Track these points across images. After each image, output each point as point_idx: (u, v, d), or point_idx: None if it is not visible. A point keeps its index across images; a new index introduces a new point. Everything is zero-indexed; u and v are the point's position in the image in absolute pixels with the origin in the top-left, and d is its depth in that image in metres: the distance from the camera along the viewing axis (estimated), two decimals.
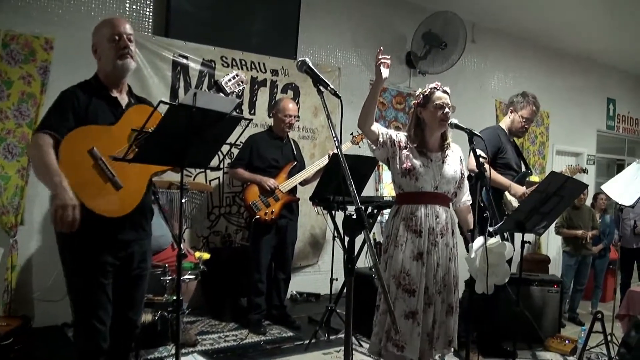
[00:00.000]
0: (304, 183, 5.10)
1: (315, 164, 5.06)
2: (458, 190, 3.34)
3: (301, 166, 5.10)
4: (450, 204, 3.35)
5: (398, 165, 3.20)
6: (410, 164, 3.17)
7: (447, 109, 3.18)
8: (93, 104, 2.62)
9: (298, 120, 5.55)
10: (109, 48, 2.65)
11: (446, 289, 3.23)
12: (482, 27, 7.72)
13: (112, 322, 2.70)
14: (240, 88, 3.00)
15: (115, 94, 2.72)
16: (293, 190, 5.02)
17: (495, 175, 4.20)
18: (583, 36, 8.22)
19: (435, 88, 3.23)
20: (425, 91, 3.23)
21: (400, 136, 3.25)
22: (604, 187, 5.41)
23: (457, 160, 3.32)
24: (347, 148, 5.13)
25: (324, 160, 4.92)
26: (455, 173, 3.27)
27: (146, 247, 2.81)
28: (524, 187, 4.24)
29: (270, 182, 4.81)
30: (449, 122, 3.25)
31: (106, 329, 2.62)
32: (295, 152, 5.09)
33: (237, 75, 2.98)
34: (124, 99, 2.76)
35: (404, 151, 3.21)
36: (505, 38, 8.17)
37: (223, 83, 2.92)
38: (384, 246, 3.32)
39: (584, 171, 4.92)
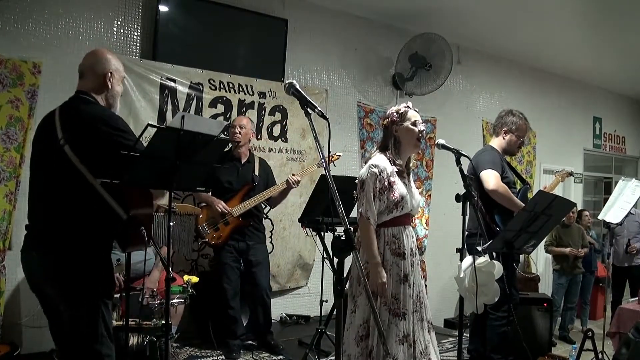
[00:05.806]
0: (274, 203, 5.03)
1: (271, 189, 4.86)
2: None
3: (264, 187, 4.90)
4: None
5: (387, 198, 3.18)
6: (398, 195, 3.17)
7: (422, 127, 3.22)
8: None
9: (256, 136, 5.46)
10: (119, 86, 2.67)
11: (422, 305, 3.24)
12: (466, 49, 7.78)
13: None
14: None
15: None
16: (250, 214, 4.84)
17: (511, 197, 4.21)
18: (568, 56, 8.31)
19: (408, 107, 3.27)
20: (400, 109, 3.27)
21: (385, 170, 3.20)
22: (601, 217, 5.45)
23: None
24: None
25: (282, 186, 4.81)
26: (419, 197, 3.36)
27: None
28: None
29: (220, 204, 4.68)
30: (437, 142, 3.29)
31: None
32: (257, 172, 4.93)
33: None
34: None
35: (392, 178, 3.19)
36: (490, 59, 8.24)
37: None
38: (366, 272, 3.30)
39: (572, 174, 5.00)
